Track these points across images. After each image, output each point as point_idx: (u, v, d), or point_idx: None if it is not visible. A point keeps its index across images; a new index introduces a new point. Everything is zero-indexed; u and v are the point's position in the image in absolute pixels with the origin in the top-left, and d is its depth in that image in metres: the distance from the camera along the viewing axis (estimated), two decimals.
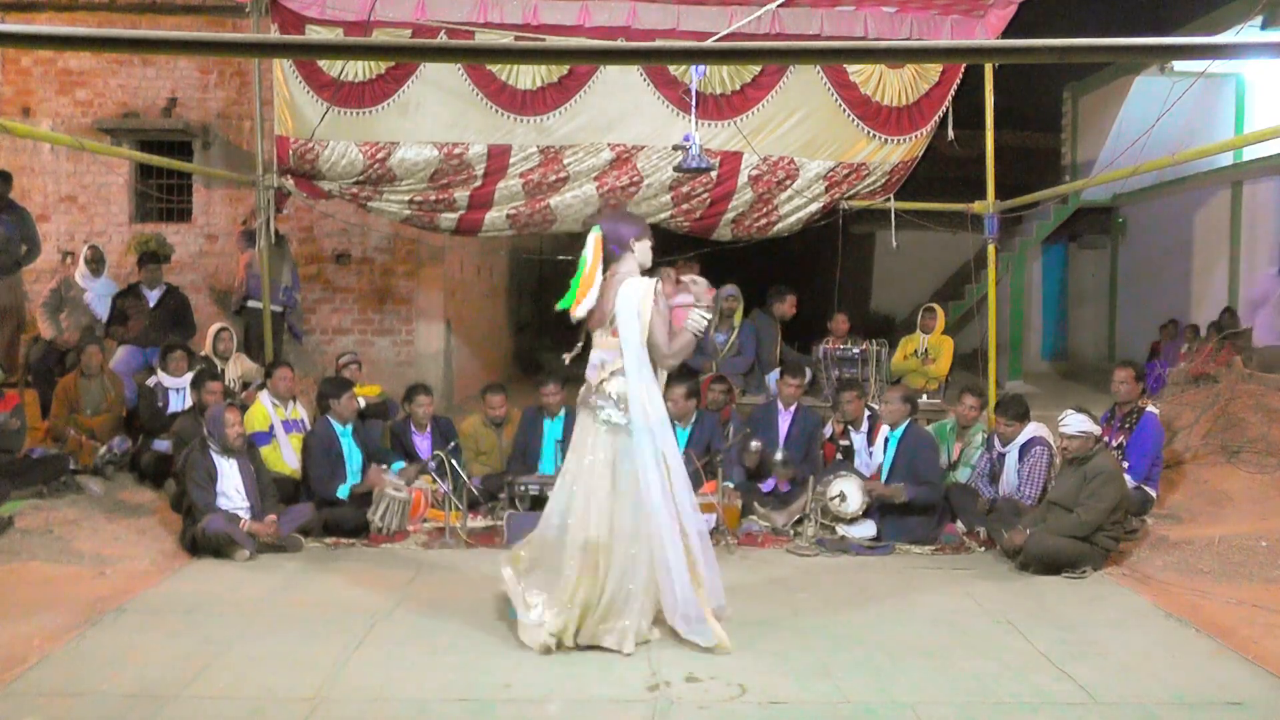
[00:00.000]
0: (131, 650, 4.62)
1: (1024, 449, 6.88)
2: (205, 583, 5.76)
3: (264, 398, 7.56)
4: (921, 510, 6.81)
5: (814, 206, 9.10)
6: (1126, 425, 7.09)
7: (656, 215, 8.94)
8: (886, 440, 7.09)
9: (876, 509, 6.81)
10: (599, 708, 4.09)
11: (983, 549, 6.65)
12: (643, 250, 4.95)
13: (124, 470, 7.76)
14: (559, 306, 4.84)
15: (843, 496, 6.74)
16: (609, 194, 8.76)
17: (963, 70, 8.85)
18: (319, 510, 6.79)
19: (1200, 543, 6.29)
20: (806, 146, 8.88)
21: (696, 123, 8.01)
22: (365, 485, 6.89)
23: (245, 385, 8.41)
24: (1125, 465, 6.79)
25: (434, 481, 7.10)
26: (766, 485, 7.35)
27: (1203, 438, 7.94)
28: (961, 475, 7.33)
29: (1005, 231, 12.56)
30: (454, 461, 6.77)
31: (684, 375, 7.82)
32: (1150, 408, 7.24)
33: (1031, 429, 6.94)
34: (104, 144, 10.08)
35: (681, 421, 7.40)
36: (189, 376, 8.07)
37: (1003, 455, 6.98)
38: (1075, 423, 6.21)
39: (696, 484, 7.07)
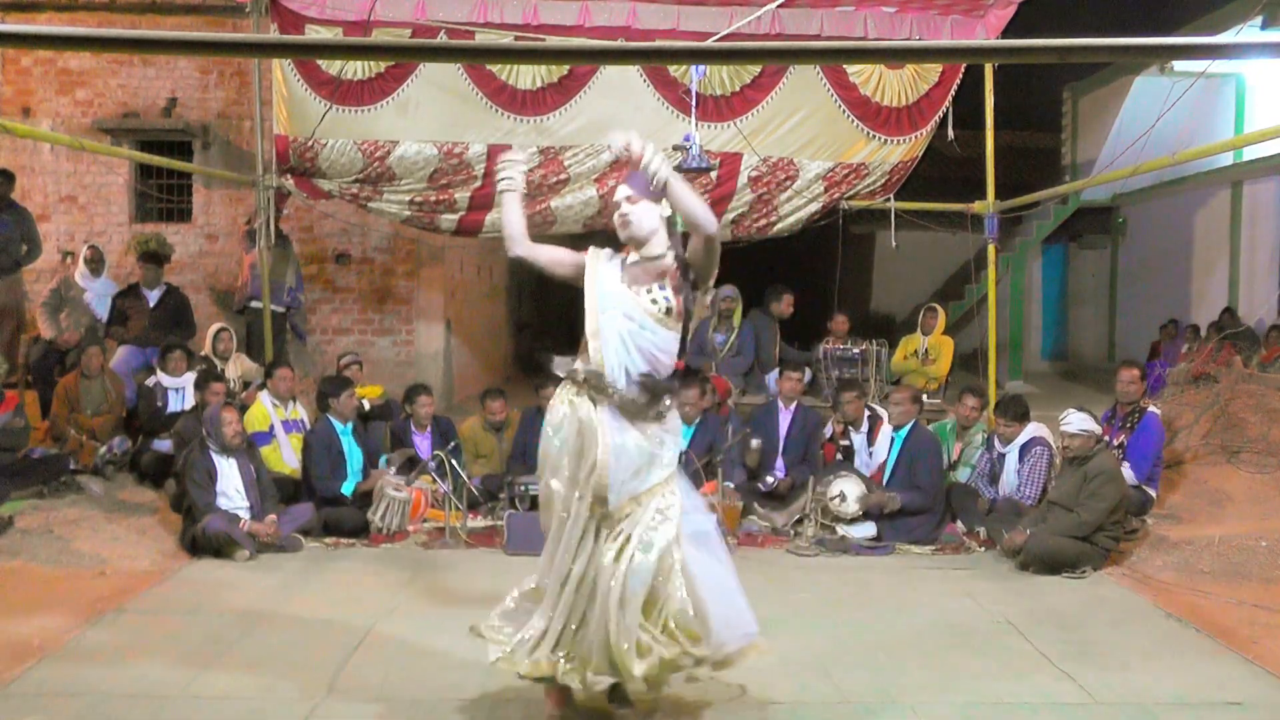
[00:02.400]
0: (131, 650, 4.62)
1: (1024, 449, 6.88)
2: (205, 583, 5.75)
3: (264, 398, 7.57)
4: (921, 512, 6.81)
5: (813, 207, 9.10)
6: (1128, 425, 7.09)
7: None
8: (891, 439, 7.09)
9: (875, 510, 6.81)
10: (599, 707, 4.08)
11: (983, 549, 6.64)
12: None
13: (124, 470, 7.76)
14: None
15: (842, 496, 6.74)
16: (609, 195, 8.75)
17: (963, 70, 8.86)
18: (319, 510, 6.79)
19: (1200, 543, 6.29)
20: (806, 147, 8.89)
21: (696, 124, 8.02)
22: (367, 485, 6.89)
23: (245, 385, 8.42)
24: (1125, 465, 6.78)
25: (434, 481, 7.10)
26: (766, 485, 7.35)
27: (1203, 438, 7.94)
28: (961, 475, 7.33)
29: (1005, 231, 12.55)
30: (454, 461, 6.77)
31: (688, 377, 7.81)
32: (1152, 408, 7.24)
33: (1031, 429, 6.94)
34: (104, 144, 10.09)
35: (687, 421, 7.41)
36: (189, 376, 8.08)
37: (1003, 455, 6.98)
38: (1078, 421, 6.22)
39: (696, 484, 7.10)
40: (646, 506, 3.80)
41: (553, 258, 3.94)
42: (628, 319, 3.84)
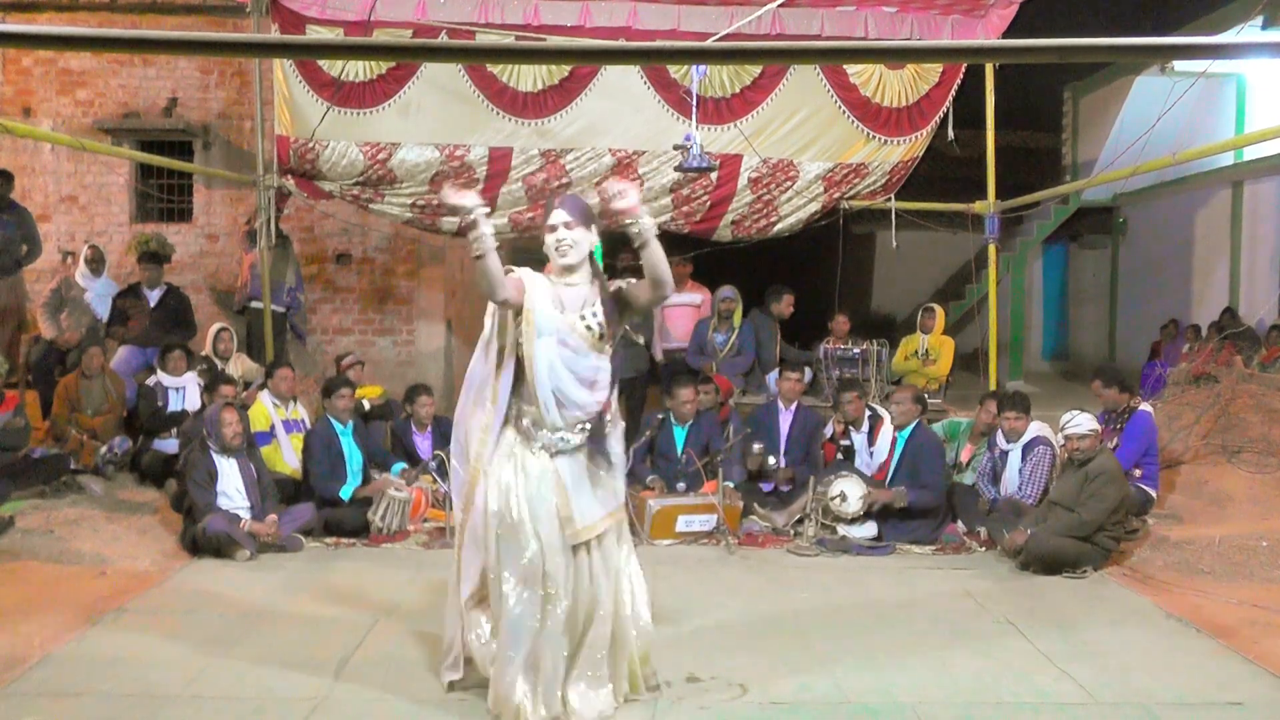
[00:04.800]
0: (131, 650, 4.62)
1: (1027, 449, 6.87)
2: (205, 583, 5.75)
3: (264, 398, 7.57)
4: (922, 512, 6.81)
5: (814, 207, 9.11)
6: (1118, 425, 7.12)
7: (657, 218, 8.92)
8: (894, 439, 7.09)
9: (877, 510, 6.81)
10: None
11: (983, 549, 6.64)
12: (546, 245, 4.06)
13: (124, 470, 7.77)
14: None
15: (843, 496, 6.74)
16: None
17: (963, 70, 8.86)
18: (319, 510, 6.78)
19: (1200, 543, 6.30)
20: (807, 148, 8.90)
21: (696, 126, 8.03)
22: (369, 491, 6.89)
23: (246, 385, 8.42)
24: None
25: (434, 481, 7.10)
26: (767, 485, 7.35)
27: (1203, 438, 7.94)
28: (967, 479, 7.32)
29: (1006, 231, 12.55)
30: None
31: (687, 377, 7.81)
32: (1143, 406, 7.25)
33: (1035, 429, 6.93)
34: (104, 144, 10.08)
35: (680, 421, 7.41)
36: (189, 376, 8.10)
37: (1005, 454, 6.97)
38: (1085, 422, 6.22)
39: (697, 484, 7.12)
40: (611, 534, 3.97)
41: (519, 288, 3.94)
42: (562, 344, 3.87)
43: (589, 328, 3.90)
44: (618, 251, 9.77)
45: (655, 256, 3.80)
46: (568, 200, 4.00)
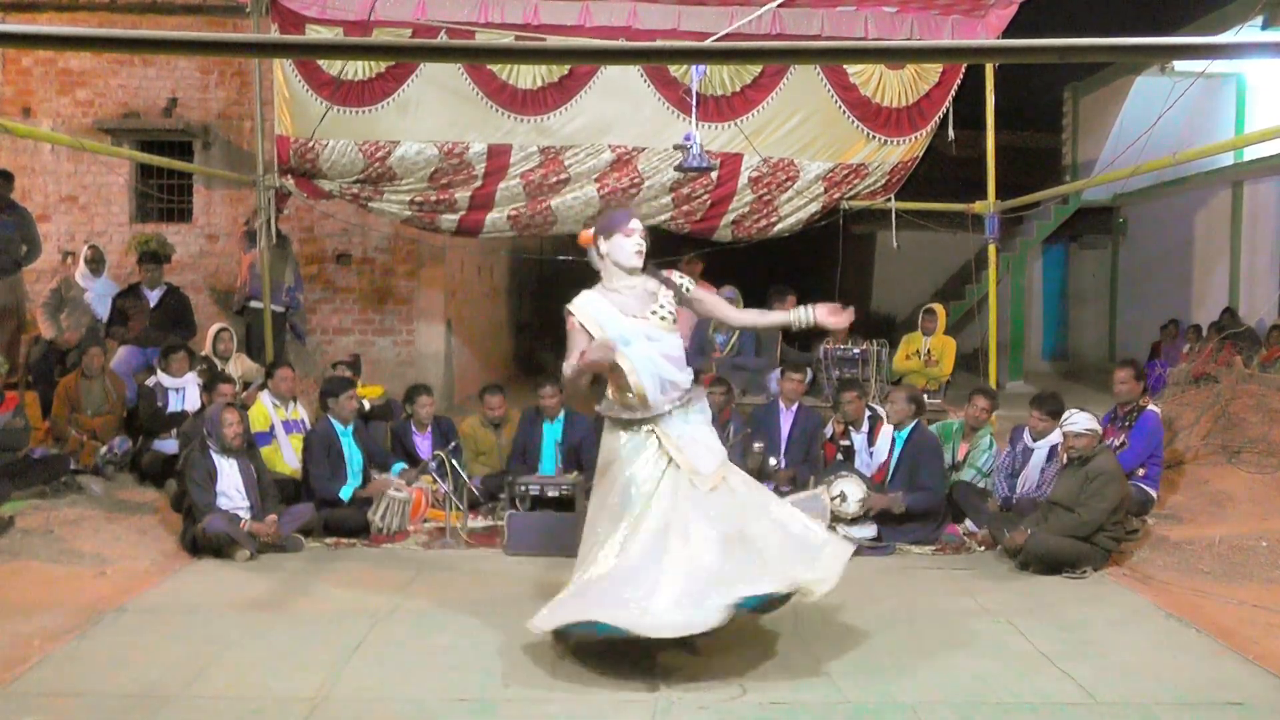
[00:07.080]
0: (131, 650, 4.62)
1: (1054, 449, 6.83)
2: (205, 583, 5.76)
3: (265, 398, 7.57)
4: (922, 513, 6.80)
5: (814, 207, 9.10)
6: (1127, 424, 7.10)
7: (657, 216, 8.95)
8: (893, 440, 7.08)
9: (876, 512, 6.80)
10: (599, 708, 4.08)
11: (983, 549, 6.64)
12: (612, 248, 4.54)
13: (125, 470, 7.77)
14: None
15: (843, 497, 6.73)
16: (609, 195, 8.77)
17: (963, 70, 8.86)
18: (319, 510, 6.78)
19: (1201, 543, 6.29)
20: (807, 148, 8.89)
21: (697, 124, 8.02)
22: (368, 492, 6.89)
23: (246, 385, 8.42)
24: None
25: (434, 481, 7.10)
26: (767, 485, 7.34)
27: (1203, 438, 7.93)
28: (965, 476, 7.30)
29: (1006, 231, 12.56)
30: (454, 461, 6.77)
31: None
32: (1151, 406, 7.24)
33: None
34: (104, 144, 10.09)
35: None
36: (190, 377, 8.10)
37: (1030, 451, 6.94)
38: (1083, 420, 6.21)
39: None
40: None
41: (585, 340, 4.47)
42: (650, 341, 4.47)
43: (663, 318, 4.53)
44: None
45: (775, 324, 5.03)
46: (633, 211, 4.66)
